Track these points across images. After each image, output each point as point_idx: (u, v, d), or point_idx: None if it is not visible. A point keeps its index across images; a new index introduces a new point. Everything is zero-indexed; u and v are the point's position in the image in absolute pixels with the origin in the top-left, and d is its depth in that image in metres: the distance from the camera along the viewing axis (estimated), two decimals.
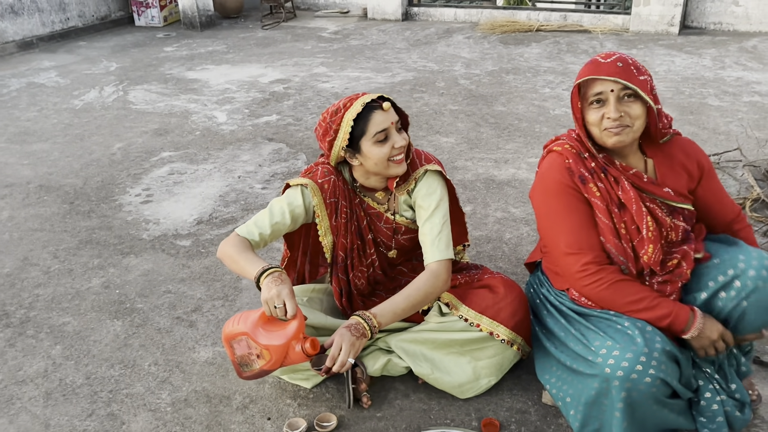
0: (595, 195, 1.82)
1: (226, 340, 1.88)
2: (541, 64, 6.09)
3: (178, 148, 4.44)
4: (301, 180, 2.05)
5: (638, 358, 1.64)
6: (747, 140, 4.03)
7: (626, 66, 1.72)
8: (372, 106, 1.90)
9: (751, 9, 6.91)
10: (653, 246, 1.78)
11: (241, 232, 2.01)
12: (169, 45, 7.68)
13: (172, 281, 2.85)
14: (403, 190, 2.04)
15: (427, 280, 1.96)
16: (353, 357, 1.82)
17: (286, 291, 1.79)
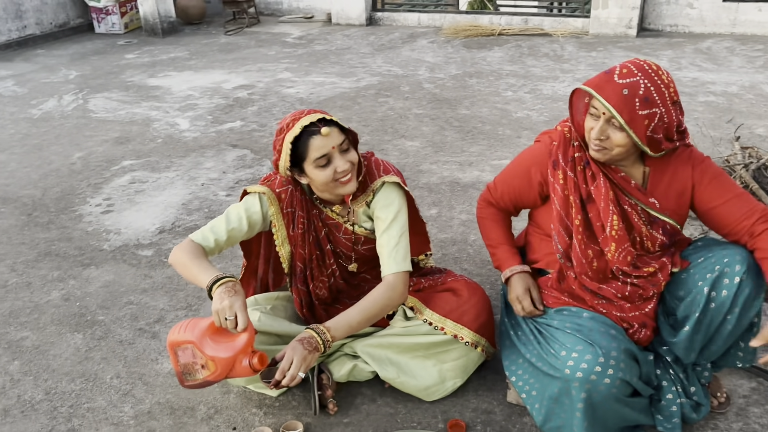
0: (558, 182, 1.84)
1: (170, 347, 1.82)
2: (503, 67, 6.16)
3: (140, 156, 4.37)
4: (258, 188, 2.03)
5: (596, 360, 1.67)
6: (703, 139, 4.14)
7: (632, 96, 1.63)
8: (311, 130, 1.83)
9: (705, 11, 7.10)
10: (616, 245, 1.80)
11: (196, 238, 1.97)
12: (131, 52, 7.57)
13: (134, 292, 2.81)
14: (361, 202, 2.02)
15: (384, 292, 1.94)
16: (304, 371, 1.79)
17: (239, 303, 1.75)
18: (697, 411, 1.92)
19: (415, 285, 2.17)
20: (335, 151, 1.85)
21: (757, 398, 2.07)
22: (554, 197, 1.86)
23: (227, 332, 1.79)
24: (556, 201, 1.86)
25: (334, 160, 1.86)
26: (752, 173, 3.26)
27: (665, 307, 1.88)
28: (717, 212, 1.79)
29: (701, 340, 1.81)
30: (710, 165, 1.82)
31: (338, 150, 1.86)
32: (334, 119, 1.87)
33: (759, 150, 3.66)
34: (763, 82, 5.33)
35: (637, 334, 1.85)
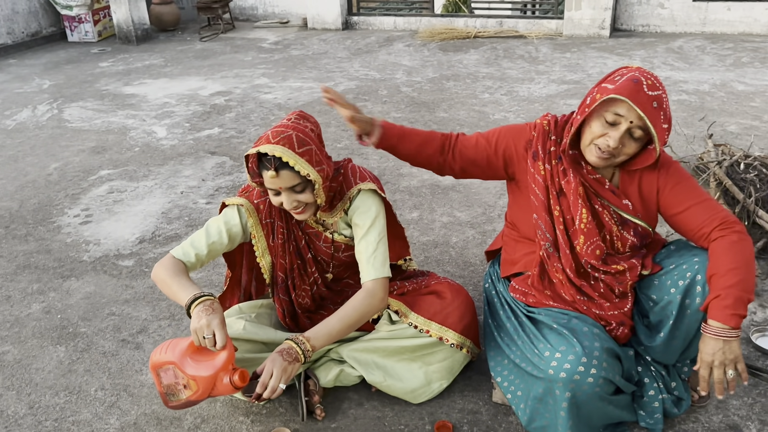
0: (539, 173, 1.88)
1: (153, 369, 1.82)
2: (479, 70, 6.22)
3: (117, 165, 4.34)
4: (237, 200, 2.03)
5: (579, 360, 1.70)
6: (677, 137, 4.22)
7: (659, 109, 1.67)
8: (266, 160, 1.80)
9: (676, 11, 7.23)
10: (585, 238, 1.84)
11: (177, 254, 1.96)
12: (105, 60, 7.49)
13: (116, 303, 2.78)
14: (339, 210, 2.01)
15: (363, 299, 1.94)
16: (285, 382, 1.79)
17: (217, 321, 1.75)
18: (678, 406, 1.96)
19: (399, 288, 2.19)
20: (284, 189, 1.85)
21: (736, 390, 2.11)
22: (535, 188, 1.89)
23: (207, 351, 1.79)
24: (537, 191, 1.89)
25: (282, 196, 1.87)
26: (725, 170, 3.33)
27: (640, 308, 1.92)
28: (680, 218, 1.81)
29: (680, 345, 1.86)
30: (676, 170, 1.84)
31: (288, 190, 1.85)
32: (291, 163, 1.78)
33: (731, 147, 3.74)
34: (734, 80, 5.44)
35: (615, 331, 1.88)
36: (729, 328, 1.60)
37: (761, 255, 2.83)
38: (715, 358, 1.62)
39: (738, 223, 1.74)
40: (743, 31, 7.03)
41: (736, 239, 1.70)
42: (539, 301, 1.92)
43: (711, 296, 1.65)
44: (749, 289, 1.63)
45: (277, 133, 1.82)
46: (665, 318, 1.82)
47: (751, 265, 1.67)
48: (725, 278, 1.63)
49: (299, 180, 1.84)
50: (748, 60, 6.03)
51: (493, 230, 3.22)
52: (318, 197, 1.90)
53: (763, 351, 2.27)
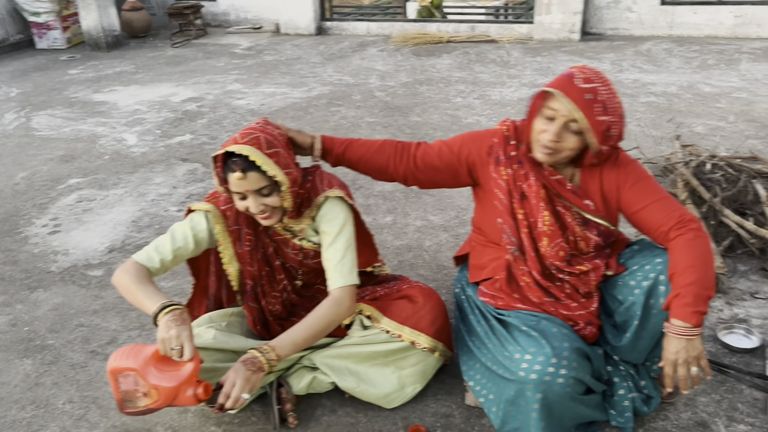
0: (502, 177, 1.91)
1: (112, 373, 1.78)
2: (452, 74, 6.25)
3: (87, 174, 4.27)
4: (204, 205, 2.00)
5: (549, 361, 1.71)
6: (645, 139, 4.28)
7: (593, 101, 1.69)
8: (232, 162, 1.79)
9: (644, 15, 7.35)
10: (548, 239, 1.86)
11: (140, 259, 1.93)
12: (74, 67, 7.38)
13: (85, 314, 2.74)
14: (306, 217, 2.00)
15: (330, 307, 1.92)
16: (248, 392, 1.77)
17: (186, 333, 1.73)
18: (648, 404, 1.98)
19: (371, 293, 2.18)
20: (250, 193, 1.83)
21: (704, 387, 2.14)
22: (498, 192, 1.92)
23: (172, 360, 1.76)
24: (501, 195, 1.91)
25: (248, 200, 1.85)
26: (692, 170, 3.39)
27: (606, 308, 1.94)
28: (638, 216, 1.83)
29: (647, 344, 1.88)
30: (635, 168, 1.86)
31: (255, 193, 1.83)
32: (259, 163, 1.77)
33: (698, 148, 3.81)
34: (700, 82, 5.55)
35: (583, 331, 1.90)
36: (690, 326, 1.63)
37: (727, 253, 2.88)
38: (679, 356, 1.64)
39: (694, 221, 1.76)
40: (709, 33, 7.17)
41: (692, 237, 1.72)
42: (508, 304, 1.93)
43: (671, 295, 1.67)
44: (708, 286, 1.65)
45: (246, 134, 1.82)
46: (630, 318, 1.84)
47: (708, 261, 1.69)
48: (684, 276, 1.65)
49: (266, 182, 1.82)
50: (714, 62, 6.15)
51: (465, 233, 3.23)
52: (285, 201, 1.88)
53: (729, 348, 2.31)
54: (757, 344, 2.31)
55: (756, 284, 2.69)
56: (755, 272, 2.76)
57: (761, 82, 5.46)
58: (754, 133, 4.34)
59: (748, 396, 2.10)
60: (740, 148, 4.02)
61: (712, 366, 2.21)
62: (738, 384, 2.15)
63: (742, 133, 4.33)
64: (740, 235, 2.90)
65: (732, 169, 3.42)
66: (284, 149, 1.86)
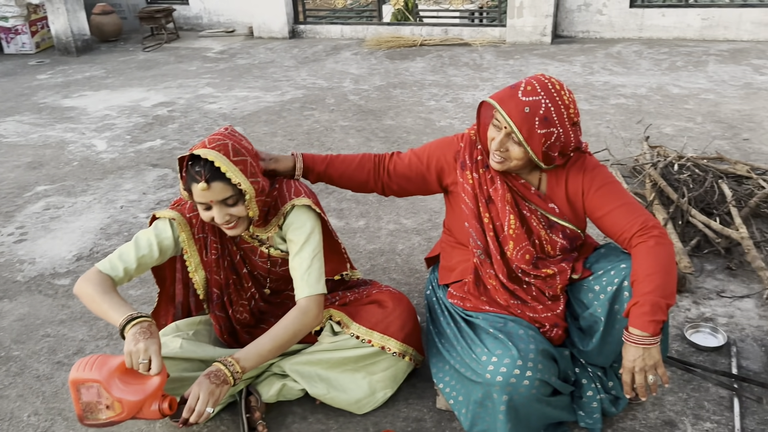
0: (468, 182, 1.93)
1: (73, 383, 1.74)
2: (426, 77, 6.27)
3: (55, 180, 4.20)
4: (169, 212, 1.97)
5: (515, 363, 1.72)
6: (614, 140, 4.33)
7: (532, 115, 1.70)
8: (194, 173, 1.76)
9: (614, 17, 7.44)
10: (514, 243, 1.88)
11: (103, 268, 1.89)
12: (43, 72, 7.26)
13: (51, 324, 2.69)
14: (273, 226, 1.97)
15: (295, 318, 1.89)
16: (212, 406, 1.75)
17: (155, 348, 1.70)
18: (616, 405, 2.00)
19: (341, 299, 2.17)
20: (215, 203, 1.80)
21: (671, 387, 2.17)
22: (464, 196, 1.93)
23: (137, 373, 1.73)
24: (467, 199, 1.93)
25: (213, 210, 1.82)
26: (660, 171, 3.44)
27: (572, 312, 1.96)
28: (603, 221, 1.85)
29: (614, 349, 1.89)
30: (600, 173, 1.87)
31: (219, 204, 1.80)
32: (224, 169, 1.74)
33: (666, 149, 3.87)
34: (669, 84, 5.63)
35: (550, 333, 1.91)
36: (648, 335, 1.64)
37: (695, 253, 2.93)
38: (636, 364, 1.66)
39: (657, 227, 1.77)
40: (677, 36, 7.28)
41: (654, 244, 1.73)
42: (476, 306, 1.94)
43: (630, 303, 1.68)
44: (668, 294, 1.66)
45: (213, 140, 1.80)
46: (595, 323, 1.86)
47: (669, 268, 1.70)
48: (643, 284, 1.67)
49: (231, 192, 1.79)
50: (682, 64, 6.25)
51: (438, 236, 3.24)
52: (250, 210, 1.85)
53: (696, 347, 2.34)
54: (723, 342, 2.34)
55: (722, 283, 2.73)
56: (721, 271, 2.81)
57: (728, 83, 5.56)
58: (720, 133, 4.41)
59: (714, 394, 2.13)
60: (707, 149, 4.08)
61: (679, 365, 2.24)
62: (704, 382, 2.18)
63: (709, 134, 4.41)
64: (707, 234, 2.95)
65: (699, 169, 3.48)
66: (252, 158, 1.84)
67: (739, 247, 2.91)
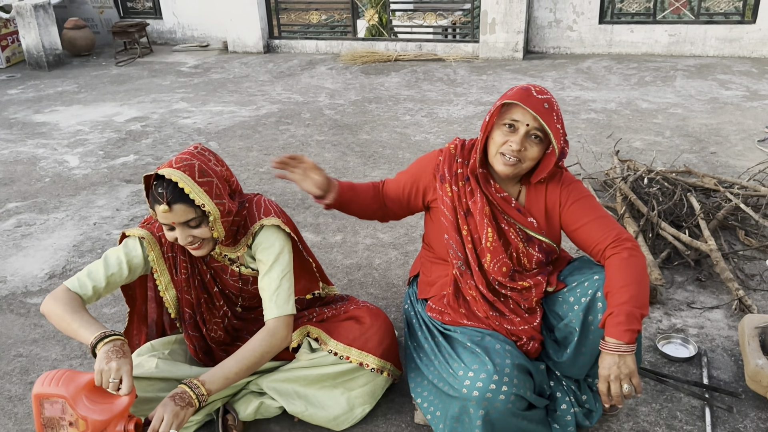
0: (447, 194, 1.96)
1: (37, 398, 1.70)
2: (400, 92, 6.32)
3: (26, 197, 4.14)
4: (138, 231, 1.96)
5: (491, 378, 1.74)
6: (585, 155, 4.41)
7: (550, 110, 1.80)
8: (156, 194, 1.75)
9: (584, 33, 7.60)
10: (491, 255, 1.91)
11: (72, 286, 1.86)
12: (13, 87, 7.16)
13: (23, 343, 2.64)
14: (242, 246, 1.96)
15: (263, 339, 1.88)
16: (177, 428, 1.72)
17: (127, 368, 1.68)
18: (589, 417, 2.03)
19: (318, 315, 2.18)
20: (177, 225, 1.80)
21: (644, 397, 2.21)
22: (444, 209, 1.96)
23: (105, 392, 1.70)
24: (446, 212, 1.96)
25: (176, 230, 1.82)
26: (630, 185, 3.51)
27: (547, 323, 1.99)
28: (578, 234, 1.92)
29: (588, 360, 1.92)
30: (576, 187, 1.95)
31: (182, 225, 1.80)
32: (187, 190, 1.73)
33: (636, 162, 3.95)
34: (638, 98, 5.76)
35: (526, 346, 1.94)
36: (623, 344, 1.68)
37: (665, 265, 2.99)
38: (611, 372, 1.69)
39: (630, 240, 1.83)
40: (646, 51, 7.46)
41: (627, 256, 1.78)
42: (454, 320, 1.96)
43: (606, 313, 1.73)
44: (641, 304, 1.71)
45: (180, 159, 1.79)
46: (570, 335, 1.89)
47: (642, 280, 1.75)
48: (618, 295, 1.71)
49: (193, 215, 1.78)
50: (651, 79, 6.40)
51: (415, 251, 3.26)
52: (215, 231, 1.84)
53: (668, 357, 2.39)
54: (694, 353, 2.40)
55: (692, 294, 2.79)
56: (691, 283, 2.87)
57: (695, 98, 5.71)
58: (688, 147, 4.52)
59: (686, 404, 2.18)
60: (676, 162, 4.18)
61: (652, 376, 2.29)
62: (677, 393, 2.22)
63: (677, 148, 4.51)
64: (677, 247, 3.02)
65: (668, 183, 3.56)
66: (219, 180, 1.83)
67: (708, 259, 2.98)
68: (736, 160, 4.27)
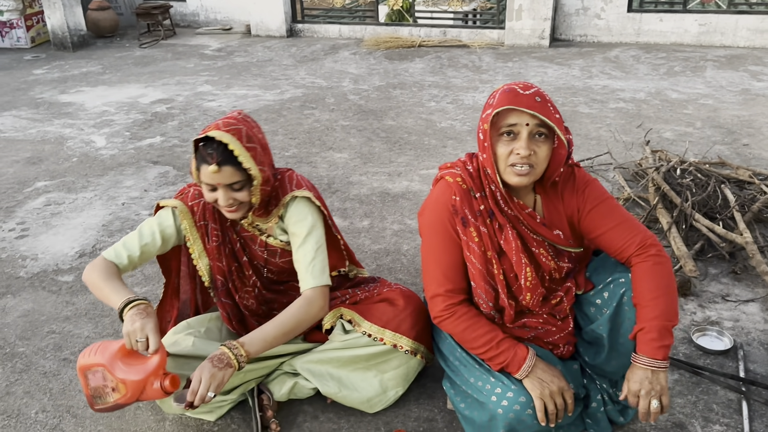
0: (473, 240, 1.78)
1: (81, 371, 1.79)
2: (425, 78, 6.27)
3: (54, 176, 4.17)
4: (171, 201, 2.02)
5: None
6: (615, 144, 4.35)
7: (544, 102, 1.66)
8: (205, 154, 1.79)
9: (612, 22, 7.49)
10: (531, 294, 1.82)
11: (109, 256, 1.94)
12: (39, 67, 7.20)
13: (56, 320, 2.66)
14: (274, 216, 2.00)
15: (301, 307, 1.92)
16: (215, 390, 1.75)
17: (151, 325, 1.75)
18: (624, 414, 2.01)
19: (351, 297, 2.17)
20: (221, 186, 1.83)
21: (680, 389, 2.19)
22: (470, 255, 1.79)
23: (139, 355, 1.78)
24: (473, 259, 1.79)
25: (217, 192, 1.85)
26: (663, 176, 3.46)
27: (576, 323, 1.96)
28: (599, 241, 1.81)
29: (622, 362, 1.83)
30: (592, 191, 1.82)
31: (226, 187, 1.83)
32: (236, 152, 1.77)
33: (668, 153, 3.89)
34: (668, 89, 5.67)
35: (561, 351, 1.92)
36: (656, 360, 1.63)
37: (698, 257, 2.95)
38: (642, 387, 1.64)
39: (654, 245, 1.75)
40: (675, 41, 7.34)
41: (653, 263, 1.71)
42: None
43: (637, 328, 1.67)
44: (672, 317, 1.66)
45: (228, 123, 1.83)
46: (598, 339, 1.86)
47: (670, 288, 1.69)
48: (648, 309, 1.66)
49: (239, 177, 1.83)
50: (680, 69, 6.30)
51: None
52: (254, 197, 1.89)
53: (703, 350, 2.36)
54: (730, 346, 2.36)
55: (726, 287, 2.75)
56: (725, 275, 2.83)
57: (726, 89, 5.61)
58: (720, 138, 4.45)
59: (722, 397, 2.15)
60: (708, 154, 4.12)
61: (687, 368, 2.26)
62: (713, 385, 2.20)
63: (709, 139, 4.44)
64: (710, 238, 2.97)
65: (701, 174, 3.50)
66: (262, 147, 1.88)
67: (743, 252, 2.94)
68: None
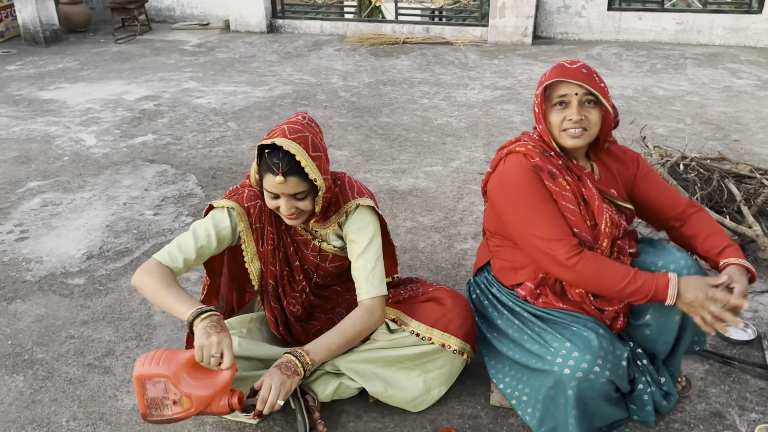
0: (565, 188, 1.89)
1: (138, 380, 1.70)
2: (414, 75, 6.27)
3: (47, 176, 4.03)
4: (227, 202, 1.95)
5: (596, 360, 1.75)
6: None
7: (590, 73, 1.84)
8: (271, 164, 1.76)
9: (593, 20, 7.60)
10: (608, 240, 1.90)
11: (163, 259, 1.86)
12: (12, 63, 6.96)
13: (73, 325, 2.58)
14: (333, 222, 1.97)
15: (362, 316, 1.92)
16: (284, 397, 1.74)
17: (227, 341, 1.70)
18: (667, 399, 2.04)
19: (393, 297, 2.16)
20: (285, 195, 1.81)
21: (712, 379, 2.23)
22: (567, 204, 1.89)
23: (204, 368, 1.72)
24: (570, 206, 1.88)
25: (281, 200, 1.83)
26: (667, 170, 3.53)
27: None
28: (651, 203, 2.04)
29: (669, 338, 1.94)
30: (639, 158, 2.08)
31: (290, 197, 1.81)
32: (303, 164, 1.74)
33: (667, 148, 3.97)
34: (653, 86, 5.78)
35: (616, 323, 1.94)
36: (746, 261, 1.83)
37: None
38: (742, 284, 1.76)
39: (699, 205, 2.03)
40: (653, 39, 7.49)
41: (706, 214, 1.99)
42: (549, 302, 1.94)
43: (722, 245, 1.87)
44: None
45: (294, 130, 1.78)
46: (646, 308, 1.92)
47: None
48: (720, 237, 1.90)
49: (304, 188, 1.80)
50: (662, 66, 6.43)
51: (457, 234, 3.24)
52: (317, 205, 1.86)
53: (728, 340, 2.41)
54: (754, 336, 2.42)
55: None
56: None
57: (709, 86, 5.75)
58: (711, 134, 4.56)
59: (754, 386, 2.20)
60: (702, 149, 4.21)
61: (717, 358, 2.31)
62: (743, 375, 2.25)
63: (700, 135, 4.55)
64: None
65: (703, 169, 3.58)
66: (324, 155, 1.84)
67: (753, 244, 3.01)
68: (759, 147, 4.32)
